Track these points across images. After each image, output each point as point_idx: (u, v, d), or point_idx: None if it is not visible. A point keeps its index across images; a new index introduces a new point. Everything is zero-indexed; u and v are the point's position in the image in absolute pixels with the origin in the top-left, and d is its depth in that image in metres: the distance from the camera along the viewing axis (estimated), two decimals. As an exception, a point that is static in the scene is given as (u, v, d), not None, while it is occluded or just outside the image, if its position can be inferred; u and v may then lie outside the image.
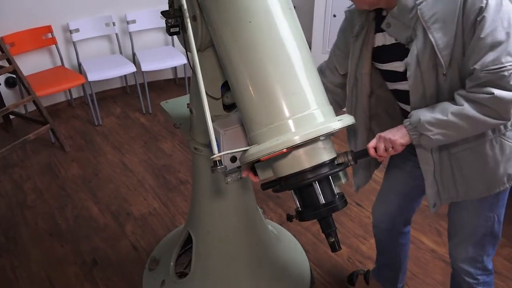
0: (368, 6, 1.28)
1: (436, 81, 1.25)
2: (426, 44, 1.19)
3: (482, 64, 1.12)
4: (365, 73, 1.44)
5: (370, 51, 1.40)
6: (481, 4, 1.09)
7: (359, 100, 1.51)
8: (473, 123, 1.18)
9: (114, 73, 3.90)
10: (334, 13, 3.68)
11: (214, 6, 1.14)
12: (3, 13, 3.55)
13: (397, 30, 1.27)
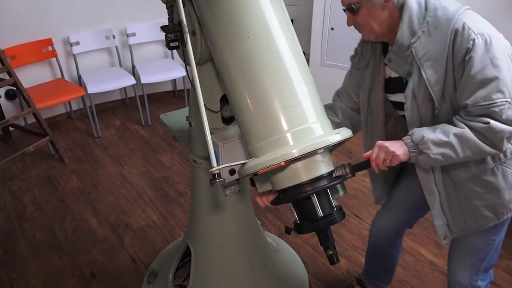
0: (374, 37, 1.36)
1: (432, 113, 1.34)
2: (420, 80, 1.29)
3: (473, 100, 1.20)
4: (378, 101, 1.52)
5: (382, 82, 1.49)
6: (468, 45, 1.18)
7: (374, 127, 1.58)
8: (472, 147, 1.23)
9: (113, 85, 3.93)
10: (332, 26, 3.72)
11: (213, 22, 1.16)
12: (4, 26, 3.59)
13: (397, 65, 1.38)
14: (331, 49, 3.82)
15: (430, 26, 1.25)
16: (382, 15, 1.29)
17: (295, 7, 4.25)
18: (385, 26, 1.31)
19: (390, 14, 1.28)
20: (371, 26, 1.32)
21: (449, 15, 1.23)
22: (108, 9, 4.10)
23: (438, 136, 1.24)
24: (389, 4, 1.27)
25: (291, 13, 4.47)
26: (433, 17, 1.25)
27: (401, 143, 1.29)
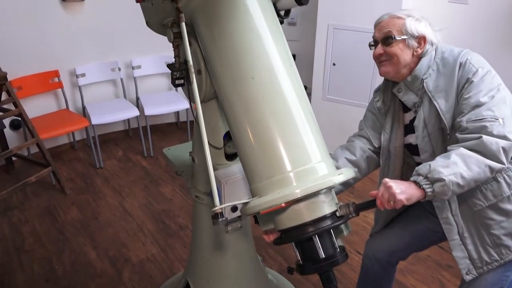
0: (393, 73, 1.51)
1: (443, 141, 1.45)
2: (431, 110, 1.45)
3: (467, 118, 1.35)
4: (397, 146, 1.61)
5: (402, 128, 1.59)
6: (469, 75, 1.38)
7: (391, 172, 1.64)
8: (475, 162, 1.27)
9: (117, 116, 3.97)
10: (333, 62, 3.79)
11: (218, 62, 1.19)
12: (13, 57, 3.65)
13: (405, 95, 1.52)
14: (332, 84, 3.87)
15: (439, 65, 1.46)
16: (409, 55, 1.47)
17: (297, 42, 4.34)
18: (408, 65, 1.48)
19: (415, 57, 1.48)
20: (398, 60, 1.47)
21: (455, 55, 1.45)
22: (115, 42, 4.19)
23: (442, 161, 1.29)
24: (418, 50, 1.47)
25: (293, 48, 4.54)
26: (441, 58, 1.47)
27: (408, 183, 1.29)
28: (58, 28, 3.88)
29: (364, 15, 3.50)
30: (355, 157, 1.63)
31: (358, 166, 1.63)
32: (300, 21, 4.32)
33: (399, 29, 1.48)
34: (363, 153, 1.65)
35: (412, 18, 1.49)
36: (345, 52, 3.70)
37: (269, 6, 1.24)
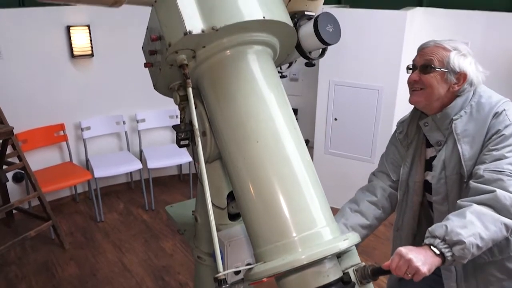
0: (424, 103, 1.46)
1: (459, 187, 1.40)
2: (453, 153, 1.40)
3: (486, 167, 1.30)
4: (417, 181, 1.56)
5: (423, 163, 1.55)
6: (500, 127, 1.34)
7: (409, 207, 1.60)
8: (491, 220, 1.22)
9: (120, 170, 3.98)
10: (335, 117, 3.84)
11: (223, 125, 1.20)
12: (19, 111, 3.72)
13: (431, 131, 1.48)
14: (334, 138, 3.91)
15: (473, 108, 1.40)
16: (444, 89, 1.42)
17: (299, 97, 4.42)
18: (441, 99, 1.43)
19: (450, 93, 1.42)
20: (432, 91, 1.42)
21: (493, 103, 1.40)
22: (121, 97, 4.28)
23: (457, 220, 1.22)
24: (455, 86, 1.42)
25: (295, 102, 4.62)
26: (477, 102, 1.41)
27: (424, 251, 1.19)
28: (67, 84, 3.98)
29: (365, 72, 3.60)
30: (376, 198, 1.61)
31: (381, 206, 1.60)
32: (302, 77, 4.43)
33: (441, 60, 1.41)
34: (383, 192, 1.63)
35: (458, 52, 1.42)
36: (346, 107, 3.77)
37: (273, 70, 1.27)
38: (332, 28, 1.31)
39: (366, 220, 1.59)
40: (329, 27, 1.30)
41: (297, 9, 1.37)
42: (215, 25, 1.11)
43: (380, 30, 3.45)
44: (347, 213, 1.62)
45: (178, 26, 1.11)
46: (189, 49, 1.18)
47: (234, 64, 1.19)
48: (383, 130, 3.62)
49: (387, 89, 3.53)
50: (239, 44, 1.19)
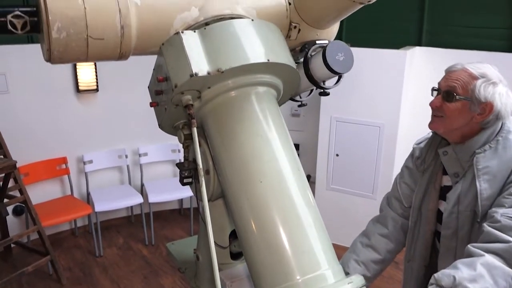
0: (443, 131, 1.39)
1: (471, 225, 1.31)
2: (471, 188, 1.30)
3: (504, 212, 1.21)
4: (430, 209, 1.47)
5: (437, 190, 1.46)
6: None
7: (421, 236, 1.51)
8: (501, 275, 1.16)
9: (121, 204, 3.97)
10: (337, 153, 3.86)
11: (227, 164, 1.21)
12: (24, 144, 3.74)
13: (450, 161, 1.39)
14: (336, 174, 3.91)
15: (499, 144, 1.31)
16: (465, 119, 1.33)
17: (301, 132, 4.45)
18: (461, 129, 1.34)
19: (472, 123, 1.33)
20: (452, 120, 1.34)
21: None
22: (124, 131, 4.32)
23: (467, 272, 1.14)
24: (479, 117, 1.32)
25: (297, 137, 4.65)
26: (504, 138, 1.32)
27: None
28: (71, 118, 4.03)
29: (366, 109, 3.64)
30: (387, 230, 1.55)
31: (394, 239, 1.54)
32: (303, 113, 4.48)
33: (465, 88, 1.30)
34: (395, 223, 1.56)
35: (485, 80, 1.30)
36: (348, 143, 3.79)
37: (277, 110, 1.29)
38: (343, 57, 1.28)
39: (378, 254, 1.54)
40: (339, 55, 1.28)
41: (308, 39, 1.36)
42: (221, 67, 1.14)
43: (381, 68, 3.51)
44: (358, 248, 1.57)
45: (185, 68, 1.13)
46: (194, 90, 1.20)
47: (239, 104, 1.21)
48: (385, 166, 3.62)
49: (389, 126, 3.56)
50: (244, 85, 1.21)
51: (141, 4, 1.14)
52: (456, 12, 3.82)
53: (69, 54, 1.08)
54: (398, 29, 4.10)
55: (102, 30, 1.07)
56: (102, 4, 1.07)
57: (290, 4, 1.31)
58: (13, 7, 1.05)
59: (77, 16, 1.03)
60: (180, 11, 1.19)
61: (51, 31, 1.02)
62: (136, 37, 1.13)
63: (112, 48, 1.12)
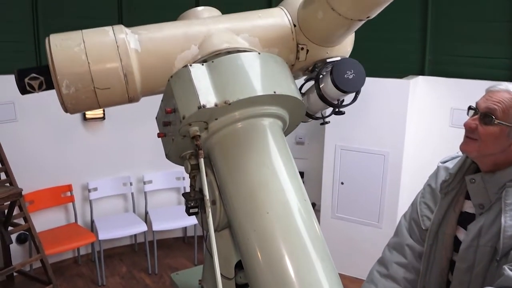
0: (476, 155, 1.29)
1: (488, 263, 1.23)
2: (495, 223, 1.21)
3: None
4: (448, 233, 1.39)
5: (457, 214, 1.38)
6: None
7: (436, 261, 1.43)
8: None
9: (125, 232, 3.95)
10: (342, 181, 3.85)
11: (234, 195, 1.22)
12: (30, 172, 3.76)
13: (476, 191, 1.29)
14: (341, 202, 3.89)
15: None
16: (502, 146, 1.24)
17: (305, 160, 4.46)
18: (495, 155, 1.25)
19: (509, 151, 1.24)
20: (487, 145, 1.24)
21: None
22: (129, 158, 4.34)
23: None
24: None
25: (302, 165, 4.63)
26: None
27: None
28: (77, 146, 4.06)
29: (370, 137, 3.66)
30: (405, 260, 1.47)
31: (412, 268, 1.46)
32: (308, 141, 4.50)
33: (506, 112, 1.20)
34: (412, 251, 1.48)
35: None
36: (352, 171, 3.79)
37: (283, 141, 1.30)
38: (353, 74, 1.25)
39: (397, 285, 1.48)
40: (348, 73, 1.24)
41: (318, 58, 1.33)
42: (228, 100, 1.16)
43: (385, 97, 3.55)
44: (376, 278, 1.51)
45: (193, 100, 1.15)
46: (202, 121, 1.22)
47: (245, 136, 1.23)
48: (390, 195, 3.61)
49: (393, 155, 3.56)
50: (250, 117, 1.23)
51: (141, 50, 1.19)
52: (458, 42, 3.89)
53: (82, 105, 1.15)
54: (401, 59, 4.16)
55: (107, 81, 1.13)
56: (104, 56, 1.13)
57: (295, 26, 1.31)
58: (30, 69, 1.15)
59: (83, 71, 1.10)
60: (180, 51, 1.23)
61: (61, 88, 1.10)
62: (140, 82, 1.18)
63: (120, 94, 1.17)
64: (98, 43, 1.15)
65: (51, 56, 1.10)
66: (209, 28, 1.28)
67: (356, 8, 1.14)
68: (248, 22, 1.32)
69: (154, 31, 1.25)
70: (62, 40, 1.14)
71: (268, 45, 1.31)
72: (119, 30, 1.19)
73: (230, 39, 1.27)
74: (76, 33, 1.17)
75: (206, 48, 1.24)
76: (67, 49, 1.12)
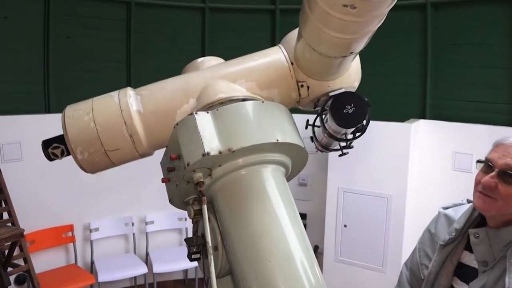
0: (495, 213, 1.22)
1: None
2: (499, 283, 1.17)
3: None
4: (442, 285, 1.35)
5: (454, 264, 1.34)
6: None
7: None
8: None
9: (125, 274, 3.90)
10: (345, 224, 3.82)
11: (236, 242, 1.22)
12: (31, 211, 3.75)
13: (480, 247, 1.24)
14: (345, 245, 3.84)
15: None
16: None
17: (308, 202, 4.44)
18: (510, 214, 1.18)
19: None
20: (505, 207, 1.17)
21: None
22: (132, 198, 4.34)
23: None
24: None
25: (304, 207, 4.60)
26: None
27: None
28: (80, 185, 4.06)
29: (372, 180, 3.66)
30: None
31: None
32: (310, 182, 4.50)
33: None
34: None
35: None
36: (356, 214, 3.77)
37: (286, 188, 1.31)
38: (353, 108, 1.21)
39: None
40: (348, 108, 1.21)
41: (321, 93, 1.32)
42: (232, 147, 1.18)
43: (387, 140, 3.58)
44: None
45: (197, 147, 1.18)
46: (206, 168, 1.24)
47: (249, 182, 1.24)
48: (394, 238, 3.57)
49: (396, 198, 3.55)
50: (254, 163, 1.25)
51: (144, 111, 1.27)
52: (458, 87, 3.95)
53: (98, 166, 1.29)
54: (402, 103, 4.23)
55: (115, 143, 1.24)
56: (109, 121, 1.24)
57: (292, 64, 1.31)
58: (52, 139, 1.30)
59: (92, 138, 1.22)
60: (179, 106, 1.29)
61: (76, 154, 1.24)
62: (146, 139, 1.27)
63: (130, 153, 1.27)
64: (104, 110, 1.25)
65: (65, 127, 1.24)
66: (206, 79, 1.32)
67: (334, 48, 1.13)
68: (244, 67, 1.35)
69: (155, 90, 1.33)
70: (74, 111, 1.27)
71: (267, 87, 1.33)
72: (124, 94, 1.27)
73: (226, 88, 1.30)
74: (87, 102, 1.28)
75: (202, 101, 1.28)
76: (78, 120, 1.24)
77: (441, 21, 3.95)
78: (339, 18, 0.92)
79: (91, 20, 4.22)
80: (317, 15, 0.97)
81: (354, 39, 1.03)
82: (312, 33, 1.10)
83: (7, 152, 3.66)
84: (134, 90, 1.32)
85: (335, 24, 0.96)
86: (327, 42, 1.09)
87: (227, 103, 1.27)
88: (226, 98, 1.28)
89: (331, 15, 0.92)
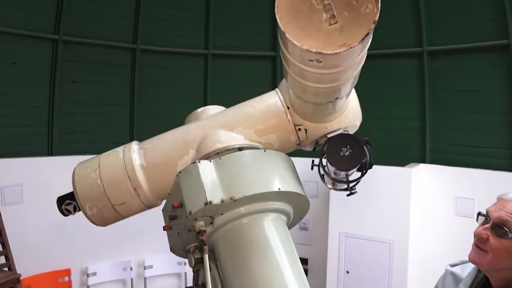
0: (487, 268, 1.20)
1: None
2: None
3: None
4: None
5: None
6: None
7: None
8: None
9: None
10: (347, 270, 3.75)
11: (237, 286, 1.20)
12: (29, 254, 3.69)
13: None
14: (347, 293, 3.75)
15: None
16: None
17: (310, 246, 4.37)
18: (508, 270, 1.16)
19: None
20: (498, 260, 1.14)
21: None
22: (131, 242, 4.27)
23: None
24: None
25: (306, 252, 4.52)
26: None
27: None
28: (79, 229, 4.00)
29: (374, 225, 3.63)
30: None
31: None
32: (312, 226, 4.45)
33: None
34: None
35: None
36: (358, 260, 3.71)
37: (287, 235, 1.31)
38: (350, 150, 1.21)
39: None
40: (344, 150, 1.21)
41: (319, 135, 1.32)
42: (234, 196, 1.19)
43: (388, 185, 3.58)
44: None
45: (199, 196, 1.19)
46: (208, 216, 1.24)
47: (250, 231, 1.24)
48: (397, 284, 3.49)
49: (398, 243, 3.51)
50: (256, 212, 1.25)
51: (146, 165, 1.32)
52: (458, 132, 4.00)
53: (107, 220, 1.35)
54: (402, 147, 4.26)
55: (121, 197, 1.30)
56: (114, 177, 1.30)
57: (288, 108, 1.32)
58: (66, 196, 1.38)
59: (99, 194, 1.29)
60: (180, 158, 1.32)
61: (86, 210, 1.31)
62: (150, 191, 1.31)
63: (136, 205, 1.32)
64: (109, 166, 1.32)
65: (74, 185, 1.31)
66: (205, 129, 1.35)
67: (318, 96, 1.15)
68: (241, 114, 1.36)
69: (156, 143, 1.38)
70: (83, 168, 1.34)
71: (265, 133, 1.34)
72: (128, 149, 1.33)
73: (223, 137, 1.32)
74: (95, 159, 1.36)
75: (201, 151, 1.31)
76: (86, 177, 1.31)
77: (437, 68, 4.06)
78: (311, 72, 0.97)
79: (97, 65, 4.33)
80: (293, 69, 1.04)
81: (336, 86, 1.06)
82: (294, 85, 1.15)
83: (8, 195, 3.66)
84: (139, 144, 1.36)
85: (311, 76, 1.01)
86: (309, 92, 1.12)
87: (224, 153, 1.29)
88: (223, 148, 1.30)
89: (303, 69, 0.98)
